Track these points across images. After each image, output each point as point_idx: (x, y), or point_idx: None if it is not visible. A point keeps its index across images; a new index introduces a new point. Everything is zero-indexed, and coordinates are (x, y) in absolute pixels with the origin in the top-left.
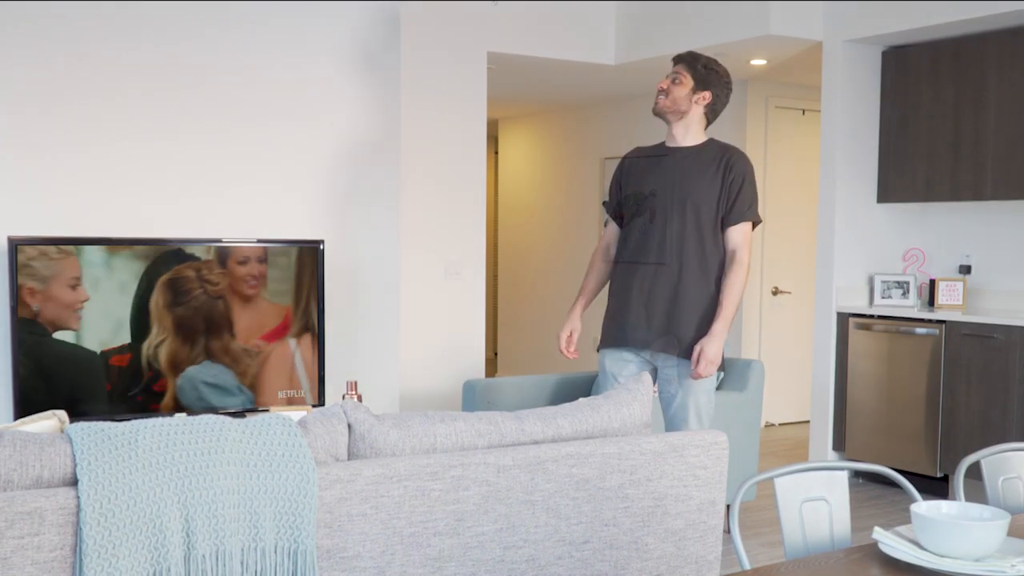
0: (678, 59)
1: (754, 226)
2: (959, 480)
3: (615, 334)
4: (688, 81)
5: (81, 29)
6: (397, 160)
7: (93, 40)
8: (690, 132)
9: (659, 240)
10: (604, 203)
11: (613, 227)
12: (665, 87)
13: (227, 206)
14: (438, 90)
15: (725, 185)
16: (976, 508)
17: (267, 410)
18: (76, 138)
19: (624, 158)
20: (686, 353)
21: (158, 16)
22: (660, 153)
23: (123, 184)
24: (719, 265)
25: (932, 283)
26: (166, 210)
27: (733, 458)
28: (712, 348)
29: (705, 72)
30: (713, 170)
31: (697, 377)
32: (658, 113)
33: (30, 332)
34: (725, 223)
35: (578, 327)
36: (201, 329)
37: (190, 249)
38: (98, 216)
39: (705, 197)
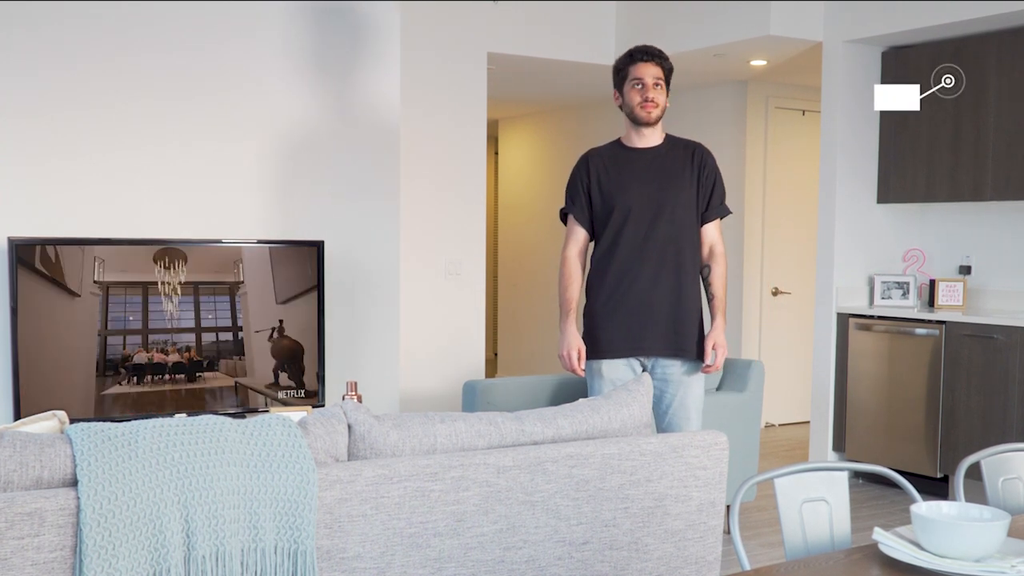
0: (652, 57)
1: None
2: (959, 481)
3: (619, 345)
4: (663, 82)
5: (80, 33)
6: (397, 160)
7: (93, 43)
8: (658, 130)
9: (654, 246)
10: (565, 210)
11: (584, 234)
12: (653, 97)
13: (228, 206)
14: (438, 90)
15: (701, 183)
16: (976, 509)
17: (267, 410)
18: (77, 140)
19: (587, 163)
20: (697, 354)
21: (157, 20)
22: (630, 156)
23: (124, 185)
24: (700, 261)
25: (932, 284)
26: (167, 211)
27: (733, 459)
28: (723, 339)
29: (670, 67)
30: (689, 170)
31: (716, 370)
32: (651, 123)
33: None
34: (704, 220)
35: (582, 343)
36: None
37: (187, 250)
38: (99, 217)
39: (686, 198)
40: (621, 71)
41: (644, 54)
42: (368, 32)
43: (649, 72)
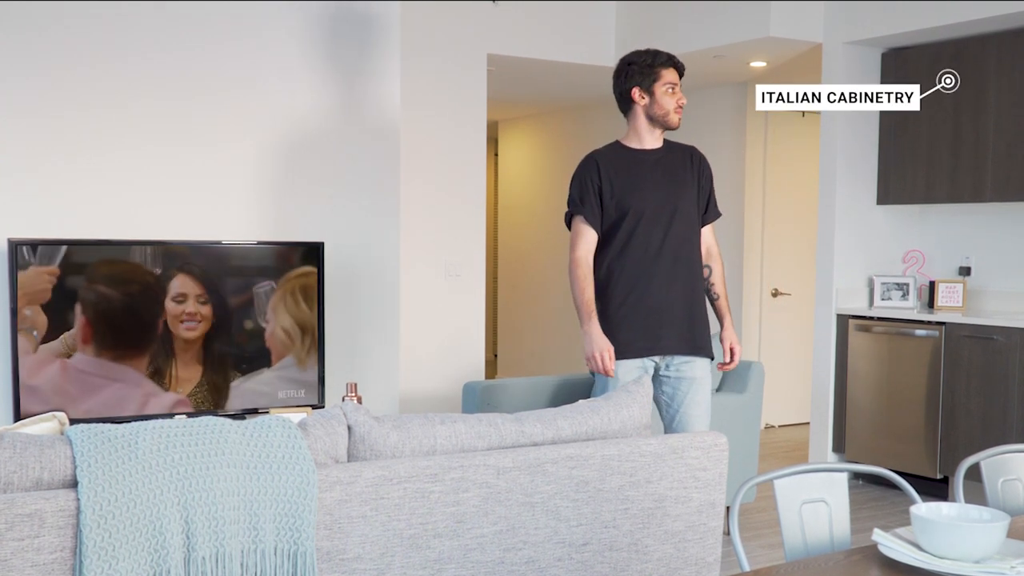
0: (681, 69)
1: None
2: (959, 482)
3: (637, 346)
4: None
5: (80, 33)
6: (397, 161)
7: (93, 44)
8: (662, 134)
9: (669, 246)
10: (571, 212)
11: (595, 236)
12: (684, 104)
13: (228, 207)
14: (438, 91)
15: (701, 186)
16: (976, 510)
17: (267, 412)
18: (77, 140)
19: (596, 164)
20: (710, 352)
21: (156, 21)
22: (636, 157)
23: (124, 186)
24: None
25: (932, 285)
26: (167, 211)
27: (733, 460)
28: (736, 337)
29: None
30: (690, 173)
31: (732, 368)
32: (676, 128)
33: None
34: (703, 222)
35: (610, 344)
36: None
37: (187, 251)
38: (99, 217)
39: (690, 199)
40: (652, 72)
41: (678, 60)
42: (368, 32)
43: (678, 78)
